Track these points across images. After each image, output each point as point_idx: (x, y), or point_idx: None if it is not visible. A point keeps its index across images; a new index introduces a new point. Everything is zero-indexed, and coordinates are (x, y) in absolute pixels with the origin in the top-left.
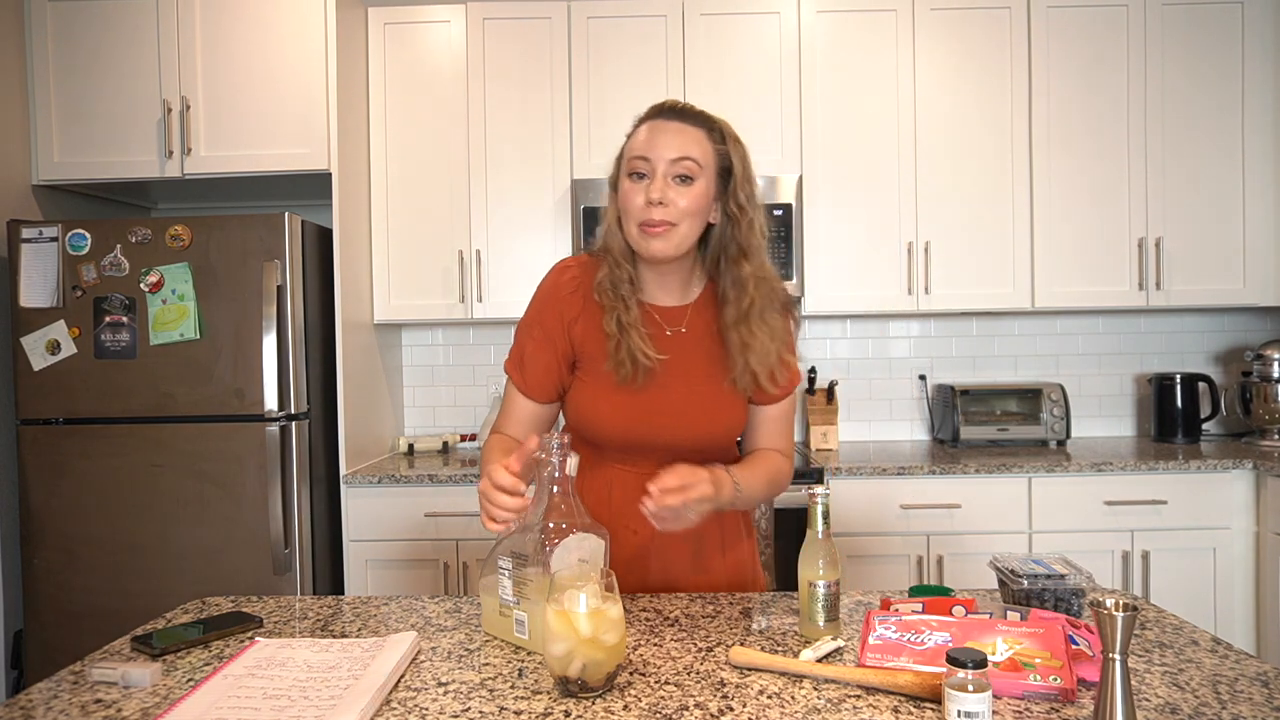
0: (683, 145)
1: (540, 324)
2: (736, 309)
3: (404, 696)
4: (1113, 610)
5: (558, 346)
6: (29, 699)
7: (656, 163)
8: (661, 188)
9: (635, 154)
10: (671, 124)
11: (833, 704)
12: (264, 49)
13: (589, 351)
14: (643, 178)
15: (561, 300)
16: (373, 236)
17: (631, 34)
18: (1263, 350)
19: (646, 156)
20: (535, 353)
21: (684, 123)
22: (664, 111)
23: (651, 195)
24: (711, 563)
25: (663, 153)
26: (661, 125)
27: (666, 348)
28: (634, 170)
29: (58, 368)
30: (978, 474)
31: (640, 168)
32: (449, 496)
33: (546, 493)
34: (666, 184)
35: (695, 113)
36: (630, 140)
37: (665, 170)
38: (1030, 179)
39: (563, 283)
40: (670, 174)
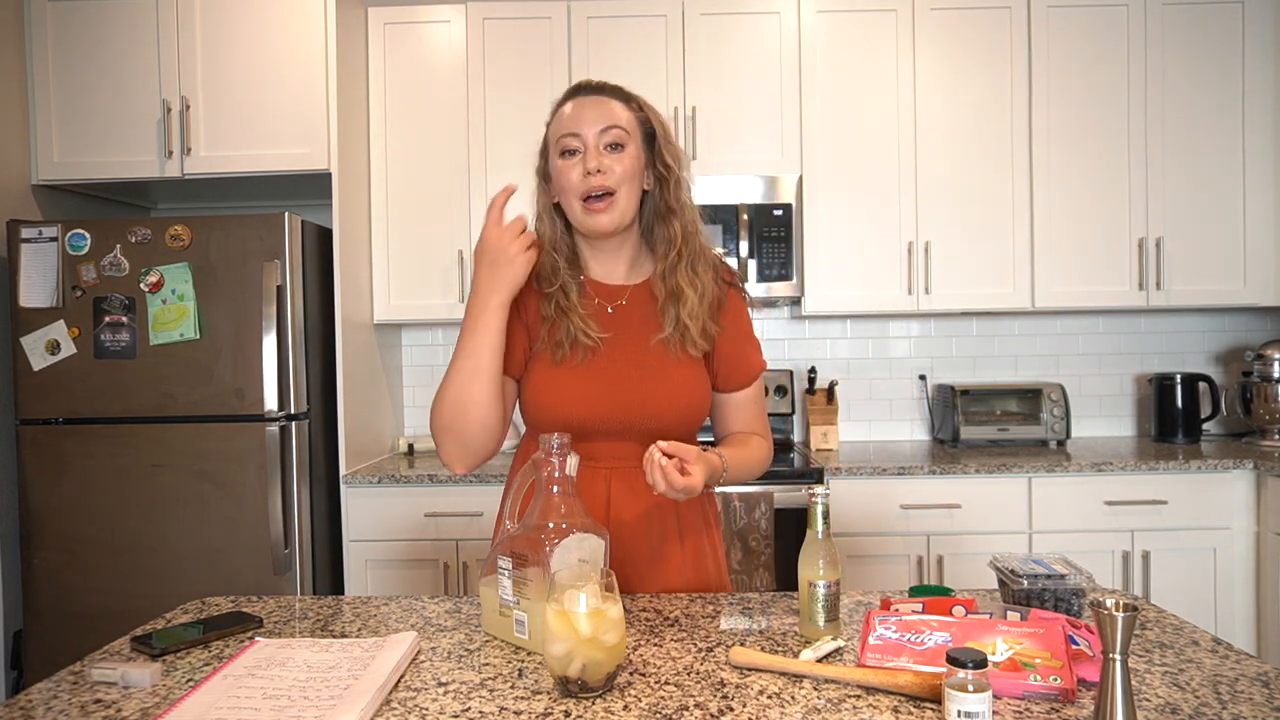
0: (608, 115)
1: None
2: (664, 263)
3: (404, 696)
4: (1113, 610)
5: (523, 317)
6: (29, 699)
7: (587, 135)
8: (597, 157)
9: (564, 132)
10: (590, 98)
11: (833, 704)
12: (264, 49)
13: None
14: (575, 154)
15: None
16: (373, 236)
17: (631, 34)
18: (1263, 350)
19: (576, 132)
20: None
21: (602, 95)
22: (581, 89)
23: (589, 165)
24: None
25: (591, 125)
26: (582, 100)
27: (609, 324)
28: (566, 148)
29: (58, 368)
30: (978, 474)
31: (571, 144)
32: (449, 496)
33: (546, 493)
34: (600, 153)
35: (610, 86)
36: (554, 123)
37: (596, 141)
38: (1030, 179)
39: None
40: (601, 143)
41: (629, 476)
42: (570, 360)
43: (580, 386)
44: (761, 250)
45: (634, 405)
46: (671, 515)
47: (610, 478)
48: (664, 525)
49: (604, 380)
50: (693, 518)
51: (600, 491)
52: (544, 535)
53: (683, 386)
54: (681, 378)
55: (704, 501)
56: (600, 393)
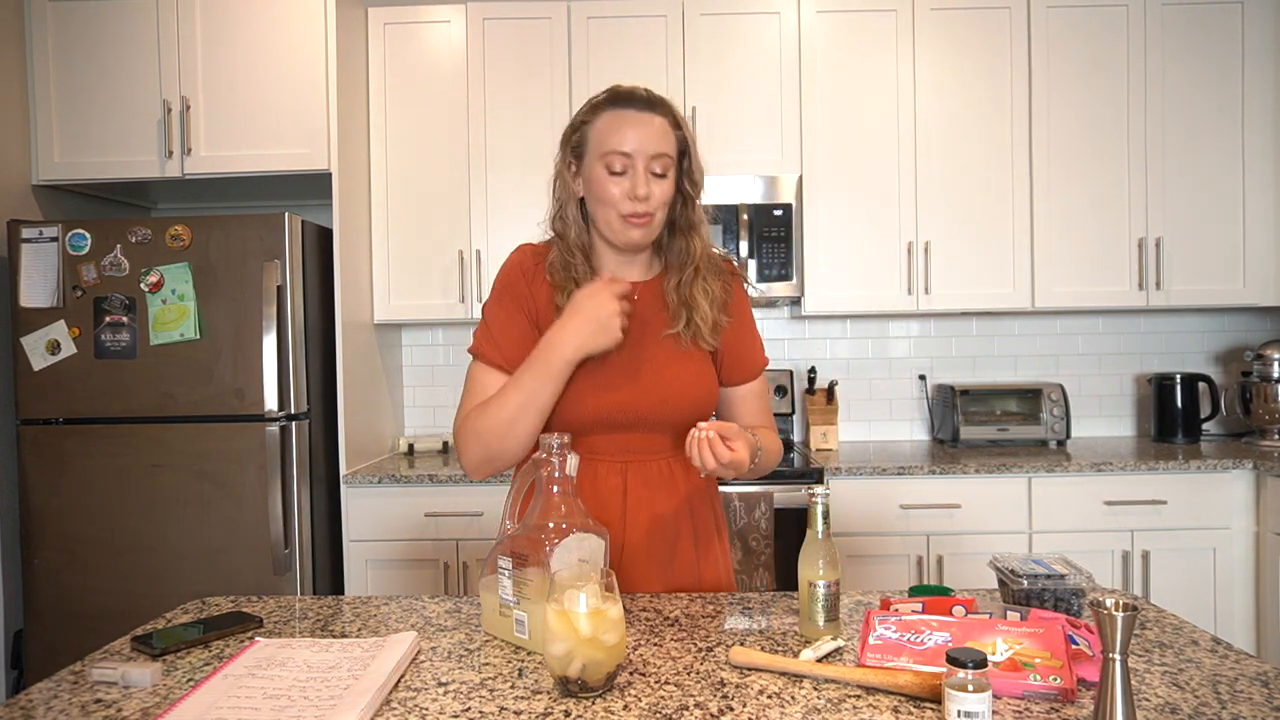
0: (659, 141)
1: (509, 292)
2: (679, 274)
3: (404, 696)
4: (1113, 610)
5: (528, 313)
6: (29, 699)
7: (638, 158)
8: (646, 183)
9: (614, 149)
10: (644, 115)
11: (833, 704)
12: (264, 49)
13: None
14: (622, 173)
15: (526, 272)
16: (373, 236)
17: (631, 34)
18: (1263, 350)
19: (628, 153)
20: (508, 323)
21: (654, 113)
22: (634, 100)
23: (639, 192)
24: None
25: (643, 147)
26: (634, 117)
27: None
28: (613, 166)
29: (58, 368)
30: (978, 474)
31: (621, 164)
32: (449, 496)
33: (546, 493)
34: (649, 178)
35: (659, 100)
36: (601, 127)
37: (646, 165)
38: (1030, 179)
39: (526, 259)
40: (650, 168)
41: (644, 468)
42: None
43: (595, 380)
44: (761, 250)
45: (647, 398)
46: (685, 507)
47: (626, 470)
48: (678, 517)
49: (617, 374)
50: (704, 513)
51: (616, 484)
52: (544, 535)
53: (694, 379)
54: (692, 371)
55: (713, 500)
56: (614, 386)
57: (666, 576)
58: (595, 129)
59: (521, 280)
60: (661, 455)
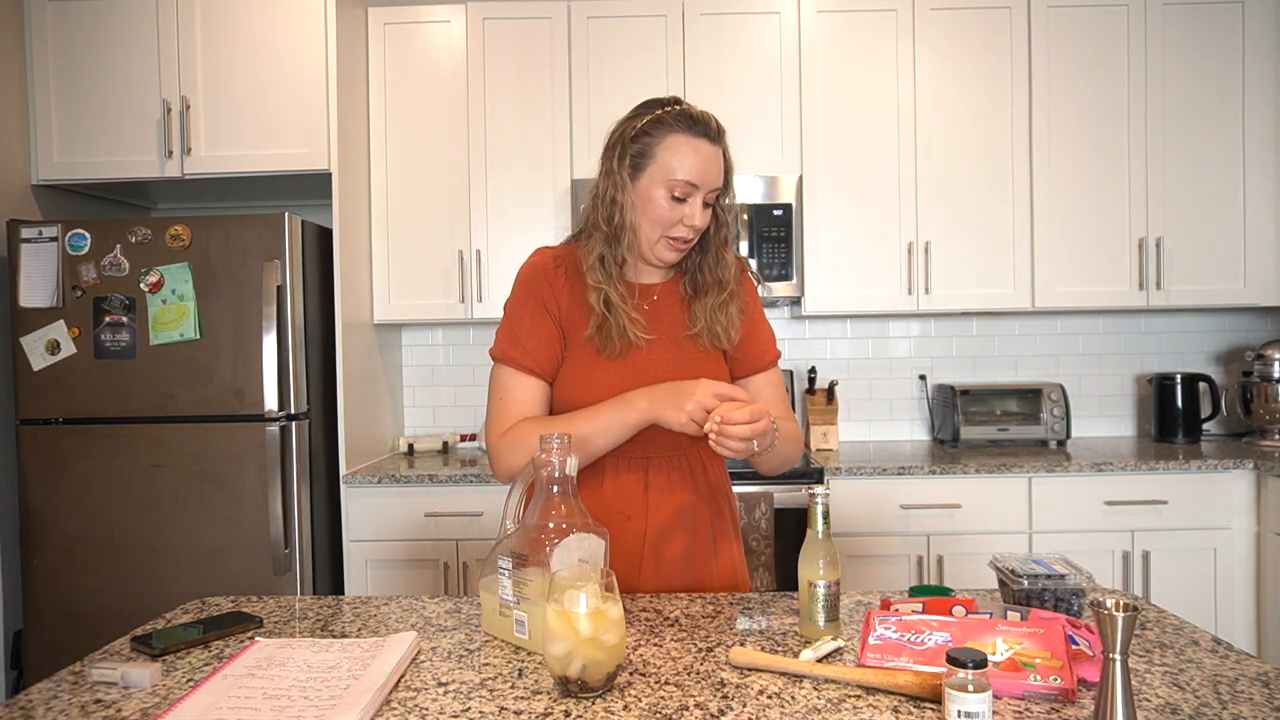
0: (720, 174)
1: (534, 293)
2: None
3: (404, 696)
4: (1113, 610)
5: (552, 313)
6: (29, 699)
7: (700, 190)
8: (702, 216)
9: (685, 178)
10: (715, 149)
11: (833, 704)
12: (264, 49)
13: (573, 324)
14: (683, 201)
15: (547, 274)
16: (373, 236)
17: (631, 34)
18: (1263, 350)
19: (697, 184)
20: (534, 325)
21: (718, 145)
22: (710, 132)
23: (695, 223)
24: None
25: (709, 182)
26: (707, 150)
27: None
28: (677, 193)
29: (58, 368)
30: (978, 474)
31: (686, 192)
32: (449, 496)
33: (546, 493)
34: (703, 210)
35: (720, 129)
36: (672, 152)
37: (704, 196)
38: (1030, 179)
39: (546, 258)
40: (707, 199)
41: (665, 464)
42: (611, 353)
43: (619, 379)
44: (761, 250)
45: None
46: (706, 503)
47: (648, 466)
48: (699, 513)
49: (641, 373)
50: (723, 509)
51: (638, 479)
52: (544, 535)
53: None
54: (709, 371)
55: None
56: (634, 384)
57: (688, 571)
58: (664, 148)
59: (544, 282)
60: (681, 451)
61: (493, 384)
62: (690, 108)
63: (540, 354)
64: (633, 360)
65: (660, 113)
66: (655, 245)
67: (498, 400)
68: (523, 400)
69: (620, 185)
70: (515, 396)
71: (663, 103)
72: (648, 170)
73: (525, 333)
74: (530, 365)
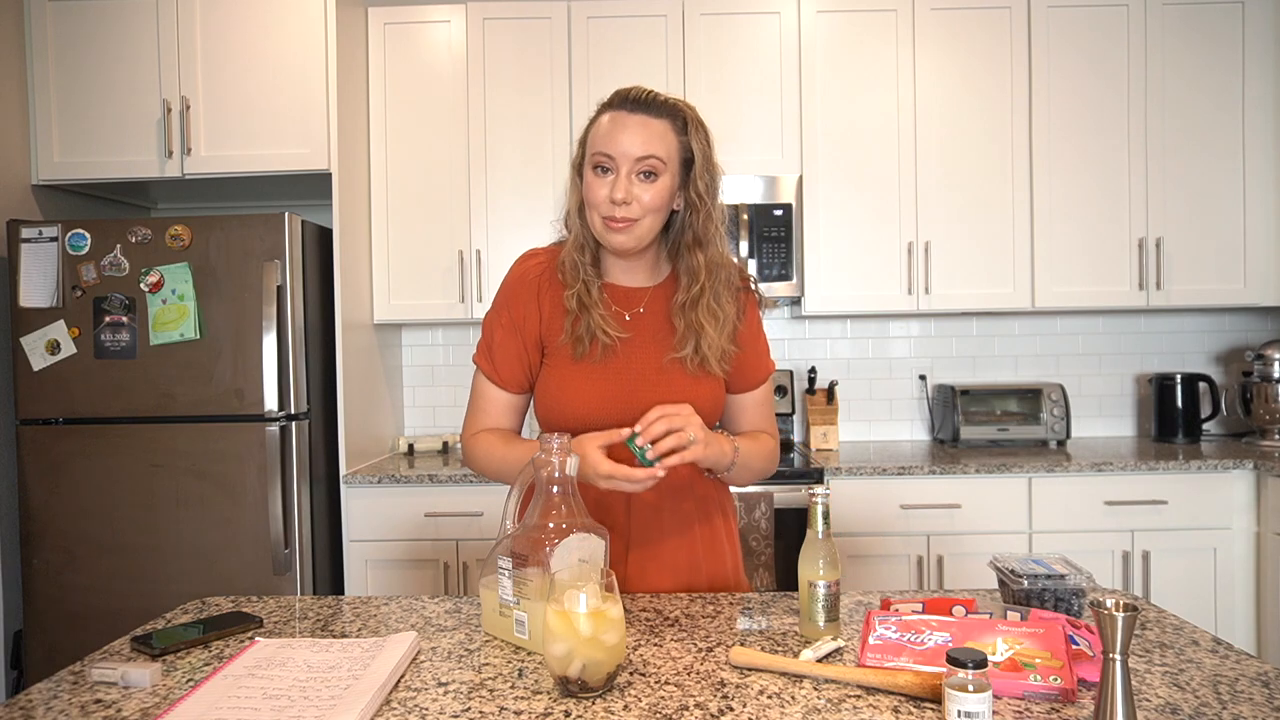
0: (646, 142)
1: (508, 309)
2: (685, 294)
3: (404, 696)
4: (1113, 610)
5: (526, 332)
6: (29, 699)
7: (620, 160)
8: (625, 186)
9: (598, 149)
10: (635, 117)
11: (833, 704)
12: (264, 49)
13: (555, 334)
14: (606, 172)
15: (528, 284)
16: (373, 236)
17: (631, 34)
18: (1263, 350)
19: (610, 154)
20: (504, 340)
21: (649, 115)
22: (628, 102)
23: (615, 195)
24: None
25: (627, 149)
26: (625, 119)
27: (626, 329)
28: (598, 164)
29: (58, 368)
30: (978, 474)
31: (603, 162)
32: (449, 496)
33: (546, 493)
34: (631, 181)
35: (660, 102)
36: (593, 129)
37: (629, 168)
38: (1030, 179)
39: (529, 267)
40: (634, 170)
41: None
42: (589, 358)
43: (596, 386)
44: (761, 250)
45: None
46: (691, 508)
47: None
48: (683, 518)
49: (618, 382)
50: (713, 513)
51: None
52: (544, 535)
53: (695, 392)
54: (695, 394)
55: (720, 492)
56: (614, 394)
57: (675, 576)
58: (592, 128)
59: (523, 294)
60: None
61: (473, 383)
62: (625, 88)
63: (505, 370)
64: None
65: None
66: (599, 230)
67: (472, 401)
68: (489, 410)
69: (573, 181)
70: (484, 404)
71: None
72: (584, 157)
73: (496, 348)
74: (497, 380)
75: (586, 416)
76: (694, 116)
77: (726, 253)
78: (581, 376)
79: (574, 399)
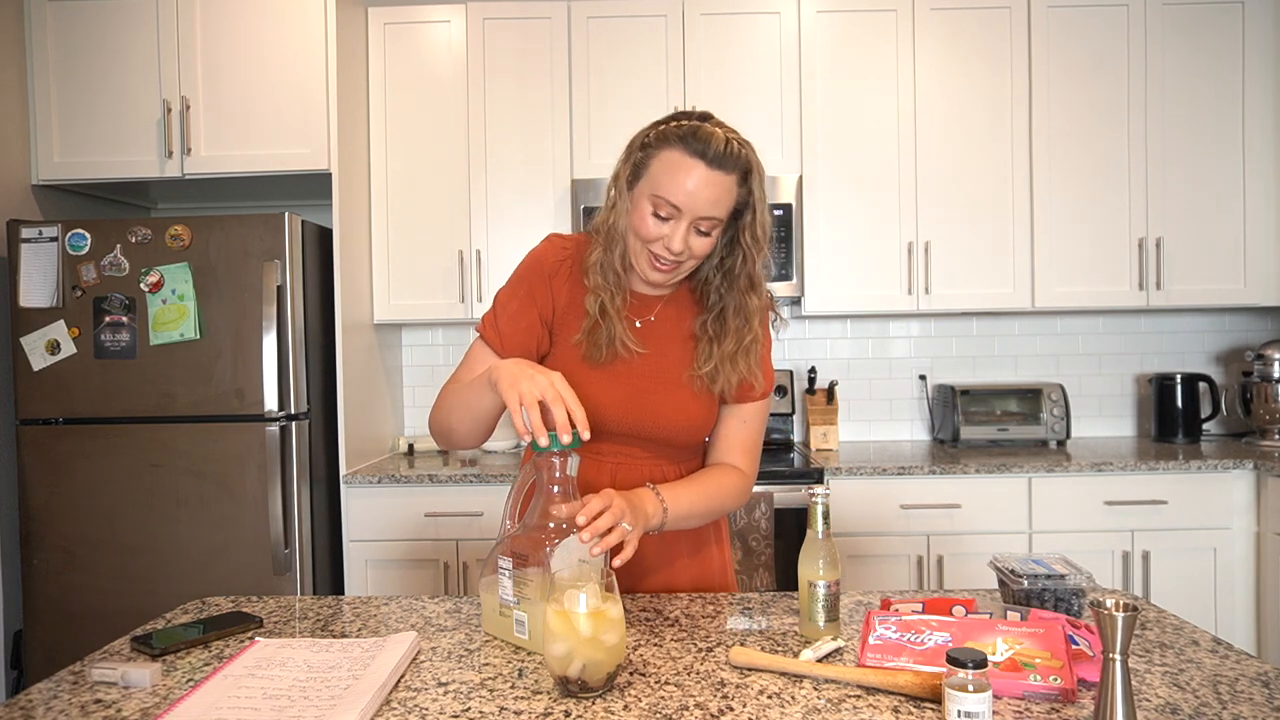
0: (715, 202)
1: (526, 284)
2: (737, 341)
3: (404, 696)
4: (1113, 610)
5: (541, 309)
6: (29, 699)
7: (685, 214)
8: (684, 240)
9: (666, 196)
10: (713, 174)
11: (833, 704)
12: (264, 49)
13: (567, 324)
14: (665, 220)
15: (550, 265)
16: (373, 236)
17: (631, 34)
18: (1263, 350)
19: (678, 206)
20: (518, 312)
21: (723, 171)
22: (708, 156)
23: (673, 247)
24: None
25: (696, 208)
26: (701, 175)
27: (637, 336)
28: (660, 211)
29: (58, 368)
30: (978, 474)
31: (669, 212)
32: (449, 496)
33: (547, 493)
34: (689, 234)
35: (733, 156)
36: (660, 163)
37: (692, 223)
38: (1030, 179)
39: (553, 250)
40: (694, 226)
41: (633, 470)
42: (596, 361)
43: (598, 388)
44: None
45: (646, 416)
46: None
47: (615, 471)
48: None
49: (622, 386)
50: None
51: (605, 482)
52: (544, 535)
53: (693, 405)
54: (692, 397)
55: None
56: (616, 398)
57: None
58: (658, 161)
59: (542, 276)
60: (654, 460)
61: (468, 351)
62: (703, 126)
63: (513, 342)
64: (615, 370)
65: (670, 125)
66: (639, 258)
67: (462, 365)
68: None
69: (620, 191)
70: (474, 369)
71: (683, 115)
72: (641, 180)
73: (507, 319)
74: (497, 346)
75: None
76: (757, 165)
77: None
78: (582, 373)
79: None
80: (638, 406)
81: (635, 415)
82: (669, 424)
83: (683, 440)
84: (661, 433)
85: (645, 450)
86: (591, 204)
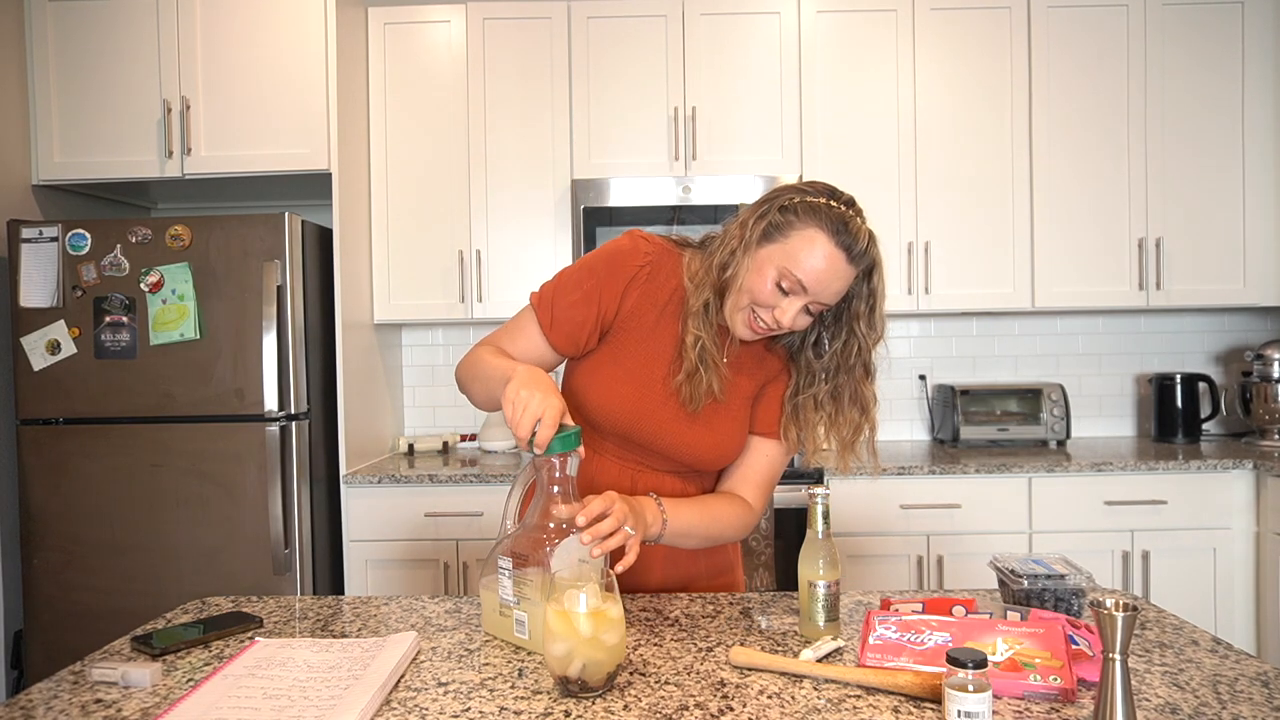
0: (838, 294)
1: (597, 279)
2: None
3: (404, 696)
4: (1113, 610)
5: (603, 310)
6: (29, 699)
7: (808, 295)
8: (794, 318)
9: (798, 274)
10: (845, 265)
11: (833, 704)
12: (264, 49)
13: (627, 329)
14: (787, 293)
15: (630, 270)
16: (373, 236)
17: (631, 34)
18: (1263, 350)
19: (806, 287)
20: (577, 304)
21: (856, 268)
22: (850, 248)
23: (783, 321)
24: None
25: (820, 294)
26: (839, 266)
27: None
28: (784, 284)
29: (58, 368)
30: (978, 474)
31: (791, 286)
32: (449, 496)
33: (547, 493)
34: (799, 314)
35: (867, 255)
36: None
37: (807, 302)
38: (1030, 178)
39: (637, 249)
40: (808, 307)
41: (655, 478)
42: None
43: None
44: None
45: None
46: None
47: (635, 475)
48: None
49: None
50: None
51: (625, 485)
52: (544, 535)
53: (727, 440)
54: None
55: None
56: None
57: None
58: (796, 235)
59: (616, 278)
60: (674, 474)
61: (518, 315)
62: (854, 219)
63: (562, 331)
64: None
65: (820, 201)
66: (736, 318)
67: (507, 326)
68: (518, 345)
69: (745, 243)
70: (518, 339)
71: (835, 195)
72: (775, 244)
73: (564, 306)
74: (546, 324)
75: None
76: (880, 261)
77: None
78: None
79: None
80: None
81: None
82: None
83: (709, 464)
84: (691, 455)
85: (670, 463)
86: (592, 204)
